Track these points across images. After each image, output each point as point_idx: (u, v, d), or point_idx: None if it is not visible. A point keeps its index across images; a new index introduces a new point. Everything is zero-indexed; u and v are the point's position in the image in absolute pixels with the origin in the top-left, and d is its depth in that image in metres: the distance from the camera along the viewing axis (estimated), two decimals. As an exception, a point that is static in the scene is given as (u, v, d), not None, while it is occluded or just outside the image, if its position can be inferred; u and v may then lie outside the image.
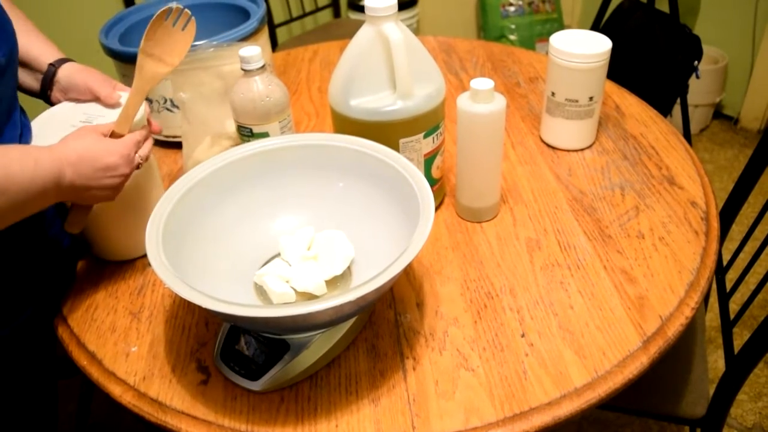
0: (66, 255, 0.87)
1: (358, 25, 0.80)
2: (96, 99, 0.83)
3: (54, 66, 0.83)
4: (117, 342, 0.76)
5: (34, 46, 0.84)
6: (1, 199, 0.59)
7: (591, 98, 0.96)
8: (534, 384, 0.67)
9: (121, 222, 0.84)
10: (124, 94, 0.82)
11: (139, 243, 0.85)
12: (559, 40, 0.96)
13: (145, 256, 0.86)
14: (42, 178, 0.63)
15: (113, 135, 0.74)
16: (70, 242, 0.87)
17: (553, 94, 0.99)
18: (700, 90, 2.32)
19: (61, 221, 0.83)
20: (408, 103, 0.79)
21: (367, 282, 0.57)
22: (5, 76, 0.72)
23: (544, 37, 2.77)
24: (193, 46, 0.96)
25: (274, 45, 2.29)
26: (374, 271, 0.59)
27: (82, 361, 0.74)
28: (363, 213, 0.77)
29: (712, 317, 1.67)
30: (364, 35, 0.79)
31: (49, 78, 0.83)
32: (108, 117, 0.80)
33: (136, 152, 0.75)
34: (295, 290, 0.73)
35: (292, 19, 2.39)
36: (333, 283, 0.75)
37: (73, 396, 1.43)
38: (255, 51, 0.83)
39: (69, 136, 0.70)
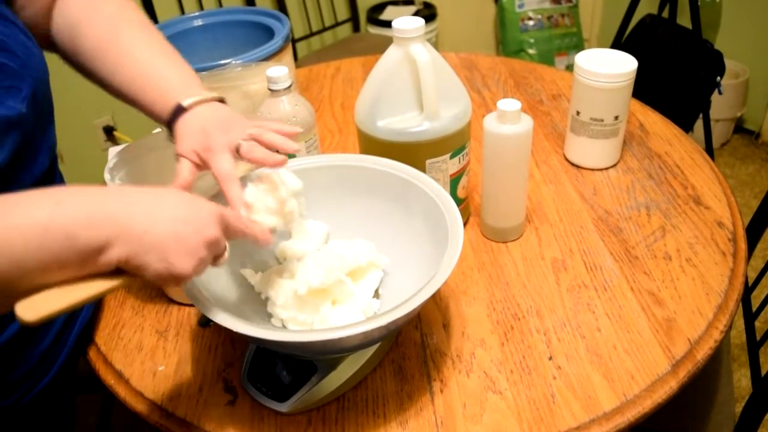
0: None
1: (377, 39, 0.80)
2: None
3: (169, 123, 0.67)
4: (144, 361, 0.76)
5: (150, 87, 0.68)
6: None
7: (616, 117, 0.96)
8: (562, 408, 0.66)
9: None
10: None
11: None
12: (585, 59, 0.96)
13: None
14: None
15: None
16: None
17: (578, 113, 0.98)
18: (721, 104, 2.30)
19: None
20: (435, 124, 0.79)
21: (397, 307, 0.57)
22: (31, 128, 0.62)
23: (563, 51, 2.76)
24: (219, 65, 0.97)
25: (294, 59, 2.31)
26: (401, 292, 0.59)
27: (110, 379, 0.74)
28: (390, 234, 0.77)
29: (735, 334, 1.65)
30: (391, 56, 0.79)
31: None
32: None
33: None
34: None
35: (311, 34, 2.40)
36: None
37: (93, 408, 1.44)
38: (282, 71, 0.83)
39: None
